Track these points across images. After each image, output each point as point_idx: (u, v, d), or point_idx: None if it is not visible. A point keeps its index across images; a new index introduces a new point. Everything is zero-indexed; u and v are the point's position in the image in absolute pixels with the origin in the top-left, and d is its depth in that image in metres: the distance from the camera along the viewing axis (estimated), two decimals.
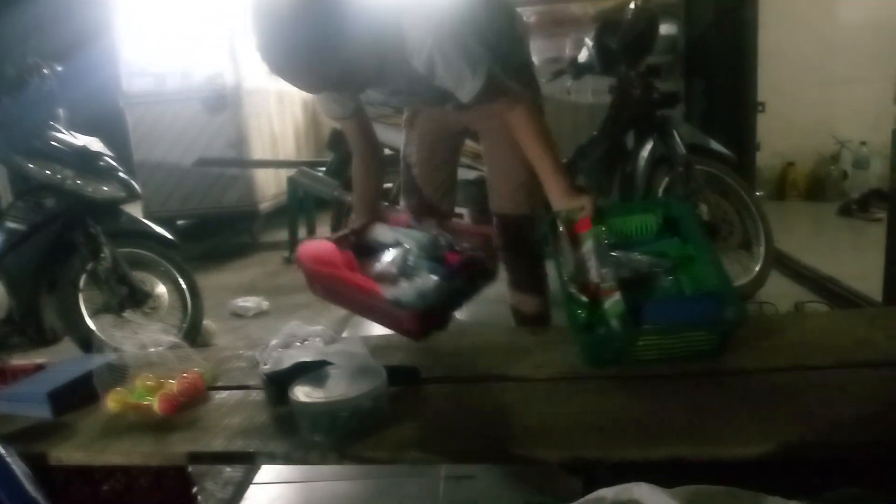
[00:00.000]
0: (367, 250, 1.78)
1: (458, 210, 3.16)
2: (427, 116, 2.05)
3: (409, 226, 1.80)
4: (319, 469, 1.93)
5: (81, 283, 2.79)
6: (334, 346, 1.37)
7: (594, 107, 3.78)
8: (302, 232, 4.79)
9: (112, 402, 1.41)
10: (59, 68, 2.80)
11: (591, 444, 1.09)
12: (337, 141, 3.36)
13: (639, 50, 3.13)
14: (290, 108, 5.78)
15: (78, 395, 1.45)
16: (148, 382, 1.44)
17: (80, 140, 2.84)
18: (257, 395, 1.43)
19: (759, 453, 1.02)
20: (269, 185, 5.29)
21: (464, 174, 3.15)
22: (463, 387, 1.36)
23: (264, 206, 5.20)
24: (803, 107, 5.04)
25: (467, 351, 1.55)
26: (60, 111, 2.93)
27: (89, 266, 2.78)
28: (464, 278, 1.58)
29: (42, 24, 3.15)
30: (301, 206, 4.77)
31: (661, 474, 0.96)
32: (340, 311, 3.49)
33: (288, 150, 5.67)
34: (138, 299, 2.82)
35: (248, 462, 1.22)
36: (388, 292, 1.48)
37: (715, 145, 3.17)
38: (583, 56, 3.23)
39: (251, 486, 1.89)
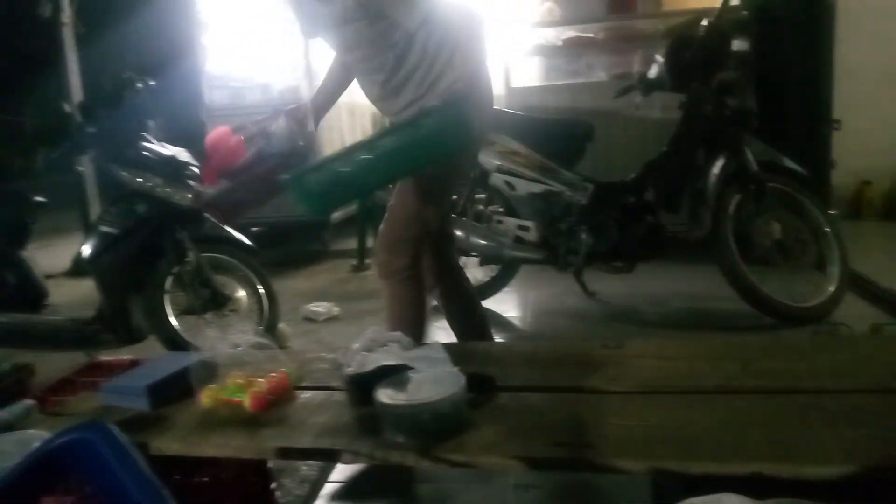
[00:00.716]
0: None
1: (524, 223, 3.22)
2: None
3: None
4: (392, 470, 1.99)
5: (167, 285, 2.94)
6: (416, 351, 1.43)
7: (663, 122, 3.76)
8: (370, 241, 4.92)
9: (205, 397, 1.50)
10: (152, 83, 2.98)
11: (670, 456, 1.11)
12: None
13: (711, 67, 3.12)
14: (360, 121, 5.93)
15: (174, 390, 1.55)
16: (238, 381, 1.53)
17: (169, 150, 3.01)
18: (340, 396, 1.50)
19: (840, 473, 1.03)
20: None
21: (529, 187, 3.20)
22: (538, 397, 1.41)
23: (335, 215, 5.34)
24: (881, 124, 4.87)
25: (541, 362, 1.59)
26: (151, 123, 3.11)
27: (175, 269, 2.93)
28: None
29: (136, 41, 3.36)
30: (369, 215, 4.89)
31: (734, 489, 0.98)
32: None
33: None
34: (219, 302, 2.96)
35: (334, 459, 1.29)
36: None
37: (788, 163, 3.12)
38: (653, 72, 3.24)
39: (326, 484, 1.97)
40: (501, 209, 3.32)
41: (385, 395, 1.30)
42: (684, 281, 3.65)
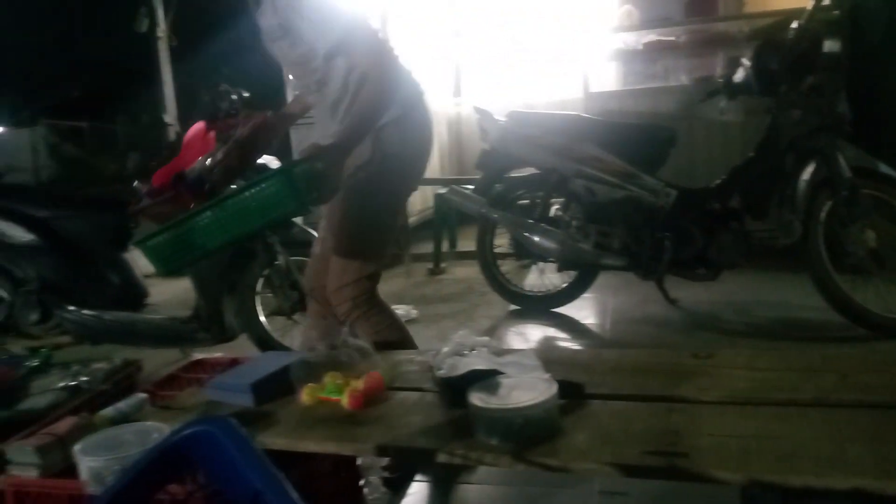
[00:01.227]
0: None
1: (605, 229, 3.21)
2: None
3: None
4: (478, 471, 2.03)
5: (258, 286, 3.08)
6: (508, 357, 1.47)
7: (748, 127, 3.68)
8: (445, 245, 4.99)
9: (305, 395, 1.58)
10: (246, 94, 3.13)
11: (768, 467, 1.11)
12: (486, 161, 3.50)
13: (801, 70, 3.04)
14: (436, 128, 6.01)
15: (275, 388, 1.63)
16: (336, 380, 1.60)
17: (262, 159, 3.15)
18: (432, 398, 1.55)
19: None
20: (416, 201, 5.54)
21: (610, 193, 3.19)
22: (628, 405, 1.42)
23: (411, 220, 5.45)
24: None
25: (629, 370, 1.59)
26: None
27: (266, 272, 3.07)
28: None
29: (230, 55, 3.52)
30: (445, 221, 4.97)
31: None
32: (484, 321, 3.63)
33: (433, 169, 5.89)
34: (306, 303, 3.08)
35: (429, 458, 1.33)
36: None
37: (884, 168, 3.01)
38: (739, 76, 3.17)
39: (413, 482, 2.02)
40: (580, 214, 3.31)
41: (478, 399, 1.34)
42: (771, 289, 3.55)
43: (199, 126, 2.13)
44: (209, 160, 2.05)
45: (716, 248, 3.08)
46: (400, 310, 3.86)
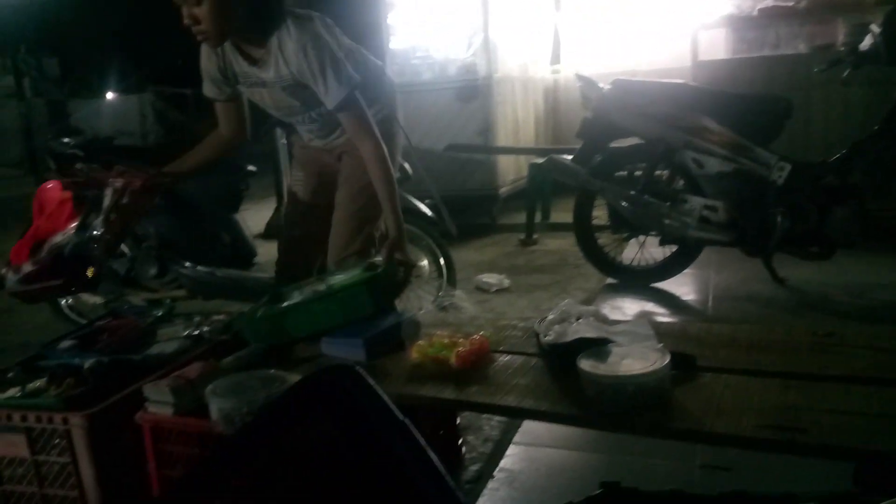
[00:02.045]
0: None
1: (711, 203, 3.10)
2: (302, 146, 2.25)
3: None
4: (573, 438, 2.05)
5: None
6: (620, 325, 1.47)
7: (872, 99, 3.45)
8: (538, 216, 4.96)
9: (415, 352, 1.63)
10: None
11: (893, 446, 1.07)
12: (587, 130, 3.44)
13: None
14: (532, 96, 5.96)
15: (386, 344, 1.70)
16: (443, 340, 1.65)
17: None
18: (537, 362, 1.57)
19: None
20: (509, 171, 5.53)
21: (719, 165, 3.08)
22: (742, 379, 1.39)
23: (504, 190, 5.45)
24: None
25: (742, 345, 1.56)
26: None
27: None
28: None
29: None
30: (540, 191, 4.94)
31: None
32: (579, 293, 3.61)
33: (528, 138, 5.86)
34: (405, 269, 3.15)
35: (539, 419, 1.36)
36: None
37: None
38: (866, 44, 2.97)
39: (511, 445, 2.06)
40: (686, 187, 3.22)
41: (589, 365, 1.34)
42: (889, 271, 3.35)
43: (51, 186, 2.05)
44: (78, 231, 1.93)
45: (831, 225, 2.93)
46: (492, 279, 3.91)
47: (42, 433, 1.61)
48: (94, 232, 1.90)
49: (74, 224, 1.98)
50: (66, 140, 3.26)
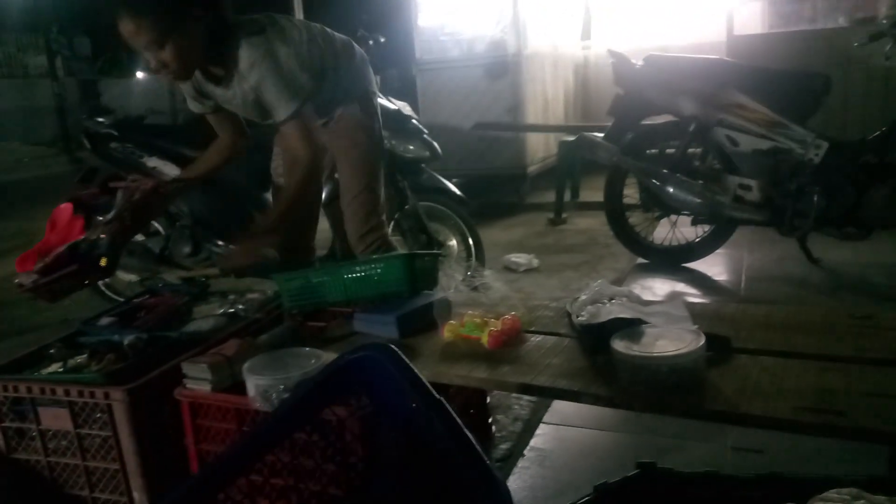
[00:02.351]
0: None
1: (746, 182, 3.05)
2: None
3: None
4: (603, 418, 2.06)
5: (389, 230, 3.18)
6: (655, 306, 1.46)
7: None
8: (567, 195, 4.92)
9: (447, 332, 1.65)
10: (382, 39, 3.18)
11: None
12: (619, 107, 3.39)
13: None
14: (562, 73, 5.88)
15: (418, 323, 1.71)
16: (475, 319, 1.65)
17: (395, 104, 3.21)
18: (569, 342, 1.57)
19: None
20: (538, 149, 5.49)
21: (754, 143, 3.02)
22: (778, 360, 1.38)
23: (532, 168, 5.41)
24: None
25: (778, 327, 1.54)
26: (377, 78, 3.33)
27: (396, 216, 3.16)
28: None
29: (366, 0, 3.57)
30: (569, 169, 4.89)
31: None
32: (609, 273, 3.59)
33: (557, 116, 5.80)
34: (433, 248, 3.16)
35: (573, 399, 1.36)
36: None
37: None
38: None
39: (540, 424, 2.07)
40: (720, 165, 3.17)
41: (622, 346, 1.34)
42: None
43: (65, 207, 2.11)
44: (98, 231, 1.99)
45: (869, 205, 2.87)
46: (520, 258, 3.90)
47: (84, 407, 1.66)
48: (107, 228, 1.98)
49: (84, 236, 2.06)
50: (100, 119, 3.30)
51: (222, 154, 2.28)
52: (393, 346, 1.12)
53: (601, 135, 3.54)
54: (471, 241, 3.32)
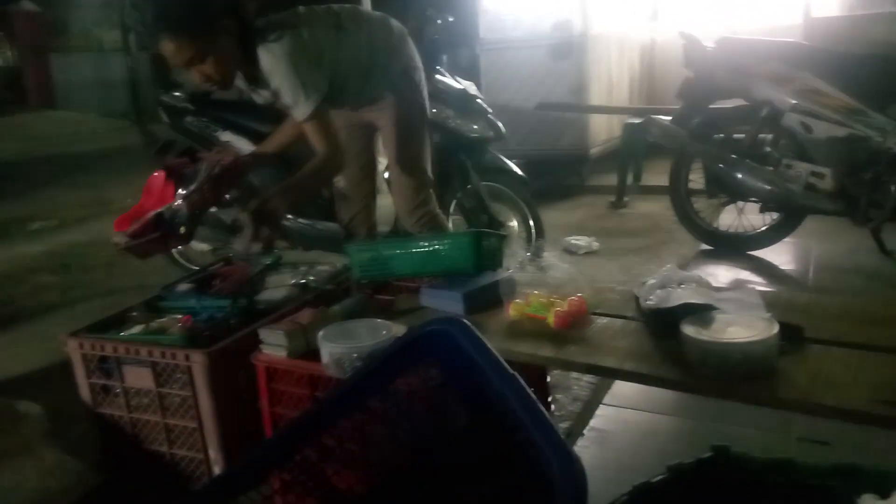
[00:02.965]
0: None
1: (819, 170, 2.96)
2: (334, 113, 2.22)
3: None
4: (663, 402, 2.06)
5: (451, 208, 3.22)
6: (727, 293, 1.45)
7: None
8: (629, 178, 4.85)
9: (513, 310, 1.67)
10: (451, 18, 3.19)
11: None
12: (688, 90, 3.32)
13: None
14: (628, 55, 5.77)
15: (484, 300, 1.74)
16: (541, 299, 1.67)
17: (460, 84, 3.23)
18: (636, 326, 1.58)
19: None
20: (601, 131, 5.41)
21: (830, 130, 2.92)
22: (854, 352, 1.35)
23: (594, 150, 5.35)
24: None
25: (854, 318, 1.51)
26: (444, 57, 3.35)
27: (458, 195, 3.19)
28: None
29: None
30: (633, 152, 4.82)
31: None
32: (671, 259, 3.54)
33: (621, 98, 5.70)
34: (494, 227, 3.17)
35: (639, 382, 1.38)
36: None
37: None
38: None
39: (600, 405, 2.09)
40: (792, 152, 3.08)
41: (693, 331, 1.34)
42: None
43: (159, 175, 2.22)
44: (179, 200, 2.11)
45: None
46: (581, 241, 3.88)
47: (166, 368, 1.75)
48: (188, 198, 2.10)
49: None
50: (177, 94, 3.41)
51: (289, 133, 2.35)
52: (466, 321, 1.15)
53: (667, 118, 3.48)
54: (531, 223, 3.32)
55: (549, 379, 2.15)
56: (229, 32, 1.97)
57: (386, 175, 2.63)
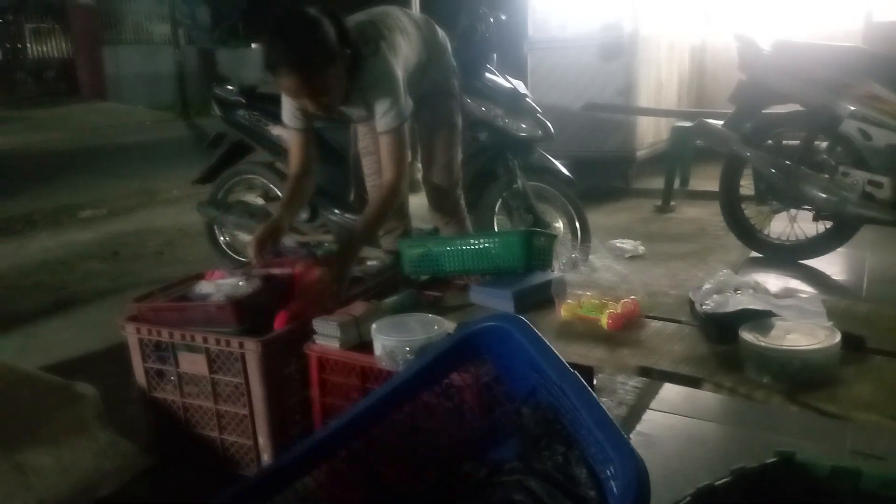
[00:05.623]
0: None
1: (877, 178, 2.88)
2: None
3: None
4: (711, 409, 2.03)
5: (497, 207, 3.22)
6: (787, 300, 1.43)
7: None
8: (676, 182, 4.79)
9: (564, 311, 1.67)
10: (504, 17, 3.18)
11: None
12: (742, 93, 3.26)
13: None
14: (678, 56, 5.69)
15: (536, 299, 1.74)
16: (594, 300, 1.67)
17: (510, 83, 3.22)
18: (691, 330, 1.56)
19: None
20: (648, 134, 5.35)
21: (890, 138, 2.84)
22: None
23: (640, 153, 5.29)
24: None
25: None
26: (494, 56, 3.34)
27: (504, 194, 3.19)
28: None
29: None
30: (681, 156, 4.76)
31: None
32: (719, 266, 3.47)
33: (670, 100, 5.63)
34: (539, 228, 3.16)
35: (694, 386, 1.35)
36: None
37: None
38: None
39: (647, 410, 2.07)
40: (849, 159, 3.00)
41: (752, 337, 1.32)
42: None
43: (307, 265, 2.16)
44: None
45: None
46: (626, 244, 3.84)
47: (220, 355, 1.79)
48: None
49: None
50: (230, 87, 3.48)
51: (304, 193, 2.25)
52: (523, 318, 1.16)
53: (719, 122, 3.42)
54: (577, 224, 3.30)
55: (595, 381, 2.13)
56: (343, 58, 1.98)
57: (418, 175, 2.65)
